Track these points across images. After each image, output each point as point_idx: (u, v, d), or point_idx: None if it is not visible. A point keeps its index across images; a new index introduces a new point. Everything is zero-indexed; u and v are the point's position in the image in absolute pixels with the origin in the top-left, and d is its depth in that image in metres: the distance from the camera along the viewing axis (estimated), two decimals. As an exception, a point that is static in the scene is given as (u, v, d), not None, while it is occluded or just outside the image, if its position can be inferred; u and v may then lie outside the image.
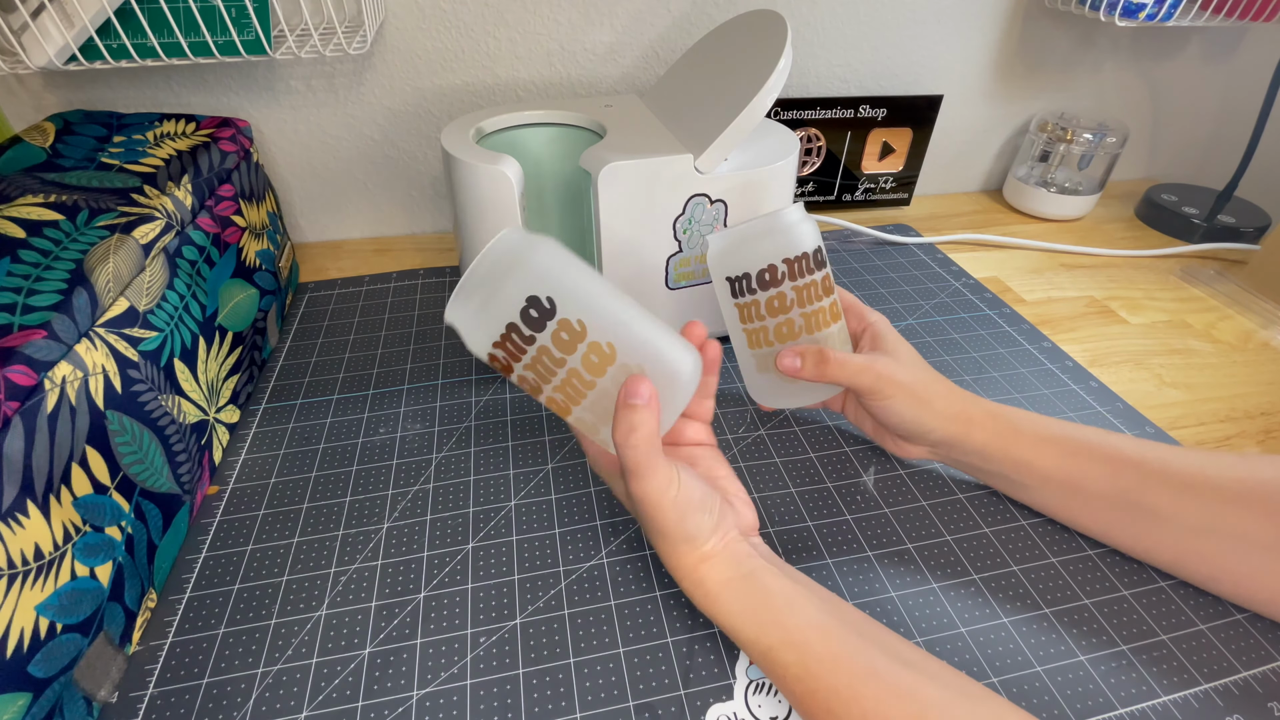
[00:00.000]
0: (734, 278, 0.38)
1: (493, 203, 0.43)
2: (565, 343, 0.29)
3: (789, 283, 0.37)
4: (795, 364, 0.37)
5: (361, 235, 0.72)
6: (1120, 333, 0.57)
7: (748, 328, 0.39)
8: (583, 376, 0.29)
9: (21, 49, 0.46)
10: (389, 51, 0.61)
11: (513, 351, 0.29)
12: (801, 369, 0.37)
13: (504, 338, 0.29)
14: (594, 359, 0.29)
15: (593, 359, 0.29)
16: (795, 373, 0.37)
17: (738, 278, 0.38)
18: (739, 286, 0.38)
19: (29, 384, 0.28)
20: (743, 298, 0.38)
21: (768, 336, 0.39)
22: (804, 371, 0.37)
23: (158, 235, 0.39)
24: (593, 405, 0.30)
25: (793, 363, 0.37)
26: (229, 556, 0.38)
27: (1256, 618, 0.35)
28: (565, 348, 0.29)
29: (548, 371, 0.29)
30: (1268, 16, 0.63)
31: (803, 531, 0.39)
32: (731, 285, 0.38)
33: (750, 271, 0.37)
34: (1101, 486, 0.36)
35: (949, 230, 0.72)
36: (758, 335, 0.39)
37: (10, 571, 0.26)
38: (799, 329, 0.38)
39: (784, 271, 0.37)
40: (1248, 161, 0.69)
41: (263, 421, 0.47)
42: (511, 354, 0.29)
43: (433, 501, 0.41)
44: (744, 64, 0.44)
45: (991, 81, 0.75)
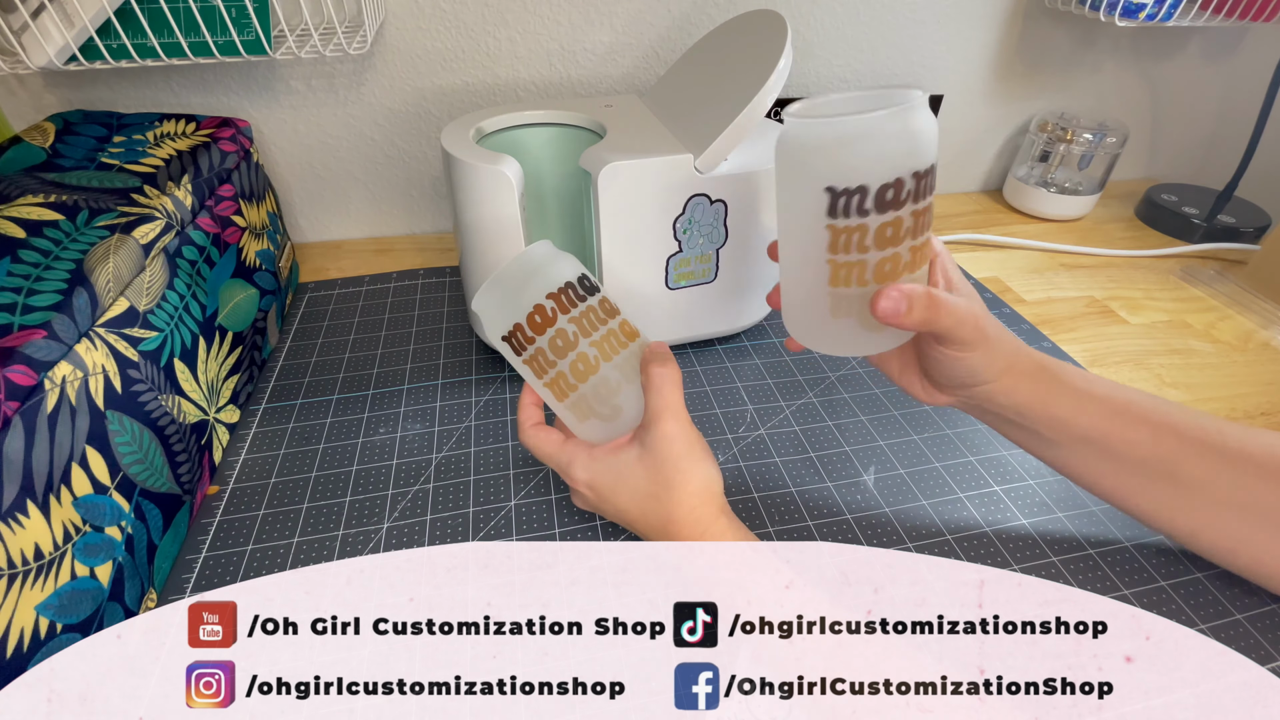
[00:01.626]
0: (845, 190, 0.27)
1: (493, 203, 0.43)
2: (609, 309, 0.35)
3: (910, 205, 0.28)
4: (901, 308, 0.30)
5: (361, 235, 0.72)
6: (1120, 333, 0.57)
7: (839, 259, 0.29)
8: (619, 336, 0.35)
9: (21, 49, 0.46)
10: (389, 51, 0.61)
11: (564, 304, 0.33)
12: (908, 314, 0.30)
13: (560, 291, 0.33)
14: (627, 328, 0.35)
15: (626, 328, 0.35)
16: (897, 318, 0.30)
17: (850, 190, 0.27)
18: (847, 204, 0.28)
19: (29, 384, 0.28)
20: (847, 219, 0.28)
21: (864, 275, 0.29)
22: (909, 318, 0.30)
23: (158, 235, 0.39)
24: (622, 364, 0.34)
25: (898, 307, 0.30)
26: (229, 556, 0.38)
27: (1257, 618, 0.35)
28: (608, 313, 0.35)
29: (591, 326, 0.34)
30: (1268, 17, 0.63)
31: (803, 531, 0.39)
32: (834, 199, 0.28)
33: (870, 185, 0.27)
34: (1140, 452, 0.34)
35: (949, 230, 0.72)
36: (851, 271, 0.30)
37: (10, 571, 0.26)
38: (903, 267, 0.29)
39: (910, 190, 0.28)
40: (1248, 161, 0.69)
41: (263, 421, 0.47)
42: (563, 305, 0.33)
43: (433, 501, 0.41)
44: (744, 64, 0.44)
45: (991, 81, 0.75)
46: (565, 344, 0.33)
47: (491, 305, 0.34)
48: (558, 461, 0.36)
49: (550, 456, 0.36)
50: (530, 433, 0.37)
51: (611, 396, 0.34)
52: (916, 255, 0.30)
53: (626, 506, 0.34)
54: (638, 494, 0.33)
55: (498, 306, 0.34)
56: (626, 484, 0.34)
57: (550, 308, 0.33)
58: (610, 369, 0.34)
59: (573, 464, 0.35)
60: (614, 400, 0.34)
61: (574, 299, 0.34)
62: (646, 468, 0.33)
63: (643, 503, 0.33)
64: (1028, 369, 0.35)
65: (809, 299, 0.32)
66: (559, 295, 0.33)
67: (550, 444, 0.36)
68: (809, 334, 0.34)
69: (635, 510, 0.34)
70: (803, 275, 0.32)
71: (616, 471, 0.34)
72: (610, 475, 0.34)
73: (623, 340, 0.35)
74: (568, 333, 0.33)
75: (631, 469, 0.34)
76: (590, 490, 0.35)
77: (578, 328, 0.33)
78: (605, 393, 0.34)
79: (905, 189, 0.27)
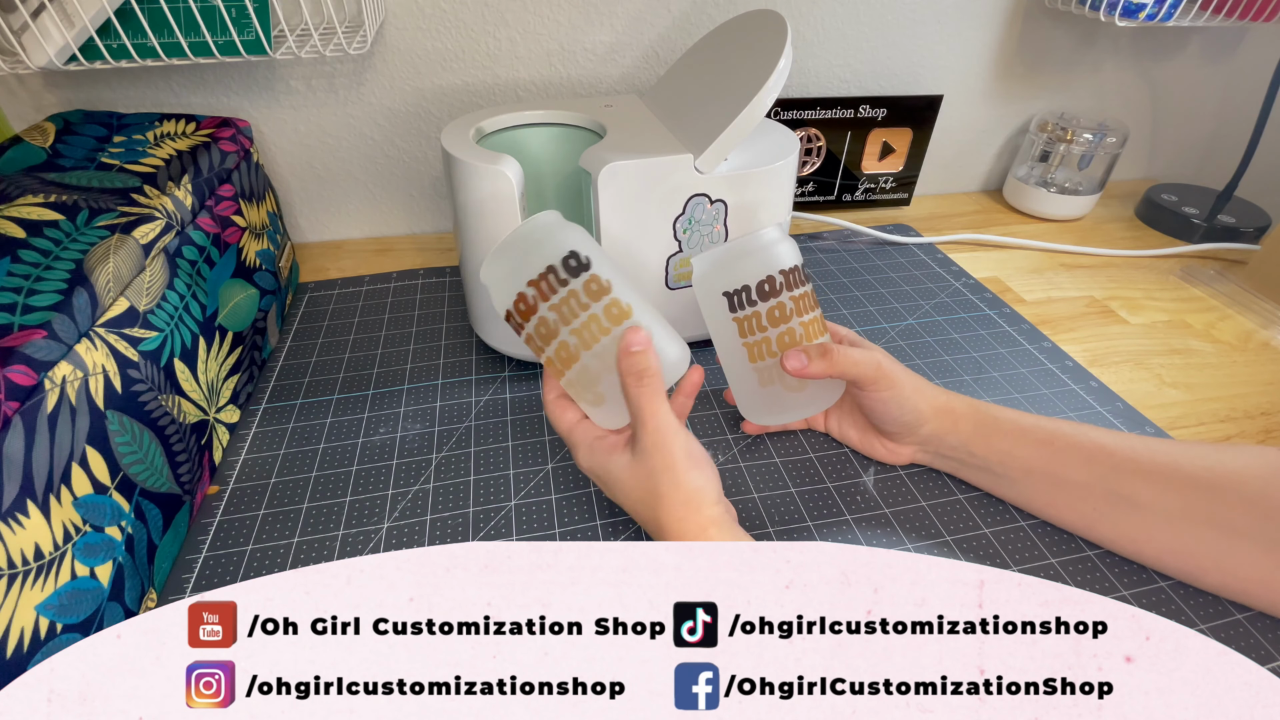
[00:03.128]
0: (732, 291, 0.38)
1: (493, 203, 0.43)
2: (593, 292, 0.33)
3: (787, 292, 0.38)
4: (802, 361, 0.37)
5: (361, 235, 0.72)
6: (1120, 333, 0.57)
7: (749, 341, 0.39)
8: (600, 322, 0.33)
9: (21, 49, 0.46)
10: (389, 51, 0.62)
11: (544, 291, 0.33)
12: (809, 366, 0.37)
13: (541, 277, 0.33)
14: (614, 311, 0.33)
15: (613, 311, 0.33)
16: (802, 371, 0.37)
17: (736, 291, 0.38)
18: (738, 299, 0.38)
19: (29, 384, 0.28)
20: (742, 310, 0.39)
21: (770, 347, 0.39)
22: (811, 368, 0.37)
23: (158, 235, 0.39)
24: (602, 353, 0.34)
25: (799, 361, 0.37)
26: (229, 556, 0.38)
27: (1257, 618, 0.35)
28: (592, 296, 0.33)
29: (570, 313, 0.33)
30: (1268, 17, 0.63)
31: (803, 531, 0.39)
32: (730, 300, 0.39)
33: (750, 283, 0.38)
34: (1079, 475, 0.36)
35: (949, 230, 0.72)
36: (760, 348, 0.39)
37: (10, 571, 0.26)
38: (799, 337, 0.39)
39: (781, 282, 0.38)
40: (1248, 161, 0.69)
41: (263, 421, 0.47)
42: (543, 293, 0.33)
43: (433, 501, 0.41)
44: (744, 64, 0.44)
45: (991, 81, 0.75)
46: (548, 332, 0.34)
47: (492, 283, 0.35)
48: (569, 441, 0.37)
49: (563, 434, 0.37)
50: (551, 404, 0.37)
51: (594, 385, 0.34)
52: (809, 329, 0.39)
53: (623, 503, 0.35)
54: (630, 498, 0.34)
55: (496, 285, 0.35)
56: (621, 486, 0.34)
57: (531, 295, 0.33)
58: (590, 357, 0.34)
59: (577, 449, 0.36)
60: (596, 389, 0.35)
61: (554, 285, 0.33)
62: (636, 475, 0.33)
63: (636, 506, 0.34)
64: (964, 411, 0.40)
65: (741, 378, 0.41)
66: (539, 282, 0.33)
67: (565, 421, 0.37)
68: (753, 408, 0.42)
69: (630, 508, 0.34)
70: (732, 363, 0.41)
71: (610, 473, 0.34)
72: (606, 474, 0.35)
73: (604, 326, 0.33)
74: (548, 320, 0.33)
75: (624, 473, 0.34)
76: (592, 476, 0.36)
77: (558, 315, 0.33)
78: (587, 380, 0.34)
79: (777, 282, 0.38)
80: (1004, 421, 0.39)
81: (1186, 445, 0.36)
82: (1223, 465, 0.34)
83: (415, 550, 0.23)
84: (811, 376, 0.38)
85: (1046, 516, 0.39)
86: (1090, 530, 0.38)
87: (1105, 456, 0.36)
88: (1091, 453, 0.36)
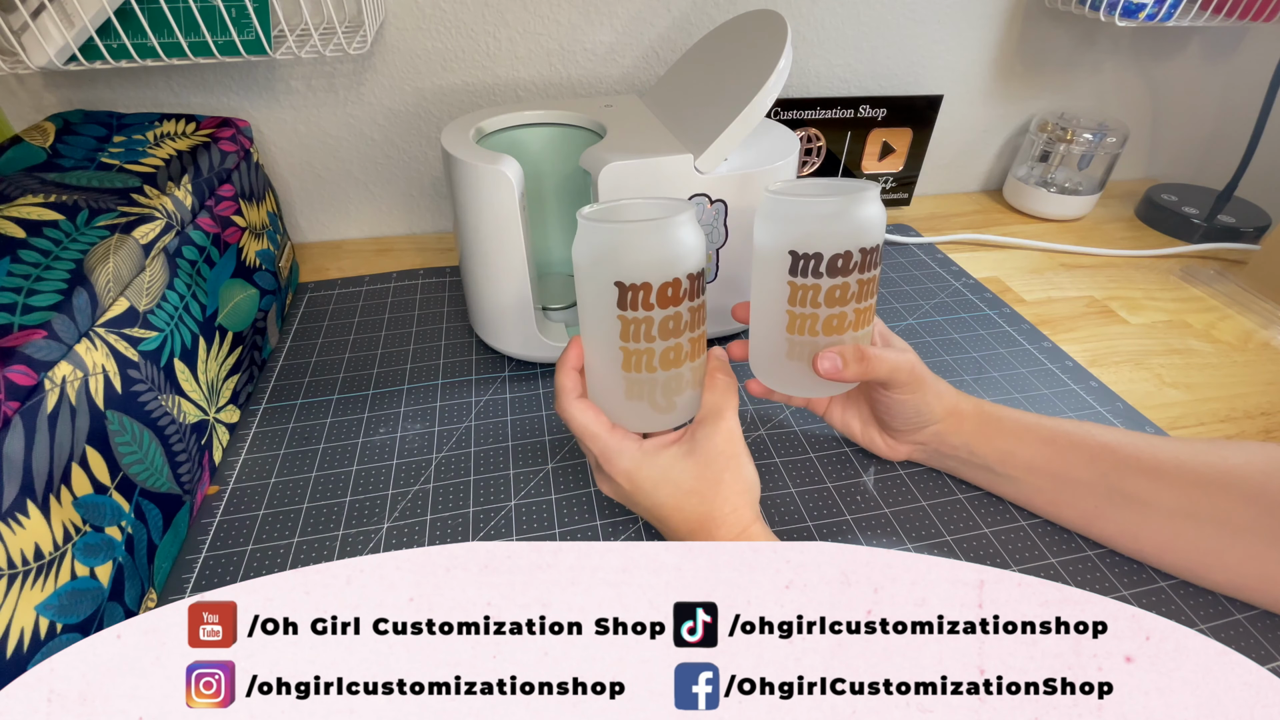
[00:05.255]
0: (801, 254, 0.33)
1: (493, 203, 0.43)
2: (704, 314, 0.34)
3: (857, 274, 0.34)
4: (837, 365, 0.35)
5: (361, 235, 0.72)
6: (1120, 333, 0.57)
7: (795, 310, 0.35)
8: (701, 343, 0.35)
9: (21, 49, 0.46)
10: (389, 51, 0.61)
11: (693, 290, 0.33)
12: (844, 370, 0.35)
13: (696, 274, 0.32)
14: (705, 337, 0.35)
15: (705, 336, 0.35)
16: (837, 375, 0.35)
17: (808, 255, 0.33)
18: (804, 266, 0.33)
19: (29, 384, 0.28)
20: (804, 278, 0.34)
21: (814, 326, 0.35)
22: (847, 372, 0.35)
23: (158, 235, 0.39)
24: (697, 368, 0.35)
25: (834, 364, 0.35)
26: (229, 556, 0.38)
27: (1257, 618, 0.35)
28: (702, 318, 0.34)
29: (697, 322, 0.34)
30: (1268, 17, 0.63)
31: (803, 531, 0.39)
32: (795, 261, 0.34)
33: (824, 253, 0.33)
34: (1081, 473, 0.37)
35: (949, 230, 0.72)
36: (804, 322, 0.35)
37: (10, 571, 0.26)
38: (848, 324, 0.35)
39: (857, 261, 0.33)
40: (1248, 161, 0.69)
41: (263, 421, 0.47)
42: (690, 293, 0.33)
43: (433, 501, 0.41)
44: (744, 64, 0.44)
45: (991, 81, 0.75)
46: (675, 327, 0.32)
47: (632, 246, 0.31)
48: (604, 445, 0.34)
49: (596, 437, 0.34)
50: (576, 405, 0.34)
51: (676, 393, 0.34)
52: (861, 317, 0.35)
53: (664, 502, 0.33)
54: (679, 490, 0.33)
55: (638, 250, 0.31)
56: (670, 479, 0.33)
57: (685, 289, 0.32)
58: (688, 368, 0.34)
59: (621, 454, 0.34)
60: (676, 397, 0.34)
61: (698, 289, 0.33)
62: (695, 463, 0.33)
63: (683, 499, 0.33)
64: (969, 411, 0.39)
65: (767, 339, 0.38)
66: (696, 278, 0.32)
67: (599, 424, 0.34)
68: (767, 370, 0.39)
69: (671, 505, 0.33)
70: (764, 320, 0.37)
71: (661, 468, 0.34)
72: (655, 470, 0.34)
73: (702, 347, 0.35)
74: (682, 317, 0.32)
75: (676, 465, 0.33)
76: (628, 482, 0.34)
77: (690, 318, 0.33)
78: (675, 386, 0.34)
79: (853, 260, 0.33)
80: (1006, 420, 0.39)
81: (1188, 442, 0.36)
82: (1224, 461, 0.34)
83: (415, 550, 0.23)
84: (844, 380, 0.36)
85: (1048, 515, 0.39)
86: (1091, 528, 0.38)
87: (1107, 454, 0.36)
88: (1094, 450, 0.36)
